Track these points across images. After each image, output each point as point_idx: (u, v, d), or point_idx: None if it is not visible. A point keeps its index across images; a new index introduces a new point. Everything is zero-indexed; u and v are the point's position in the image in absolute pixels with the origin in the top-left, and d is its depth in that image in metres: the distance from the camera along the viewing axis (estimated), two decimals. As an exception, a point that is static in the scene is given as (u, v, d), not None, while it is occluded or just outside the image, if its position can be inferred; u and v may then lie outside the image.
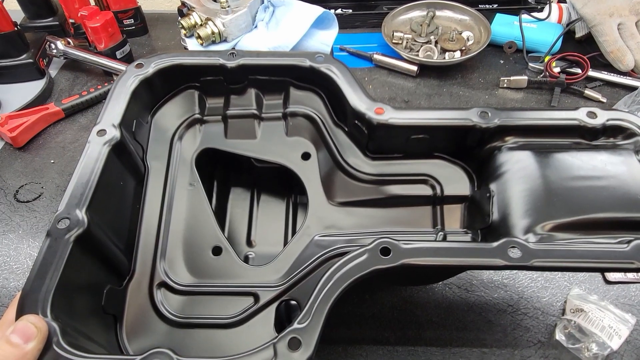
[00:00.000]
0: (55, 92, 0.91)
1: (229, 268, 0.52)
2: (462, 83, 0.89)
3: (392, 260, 0.42)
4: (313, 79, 0.57)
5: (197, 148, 0.58)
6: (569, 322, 0.54)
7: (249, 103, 0.59)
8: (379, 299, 0.58)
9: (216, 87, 0.58)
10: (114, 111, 0.51)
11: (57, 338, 0.37)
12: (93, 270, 0.45)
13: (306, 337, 0.38)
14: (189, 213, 0.54)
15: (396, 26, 0.97)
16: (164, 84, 0.57)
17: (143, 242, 0.52)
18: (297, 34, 0.81)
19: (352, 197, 0.57)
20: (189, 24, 0.84)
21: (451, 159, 0.57)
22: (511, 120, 0.52)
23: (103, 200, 0.46)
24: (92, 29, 0.88)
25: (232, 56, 0.56)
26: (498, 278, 0.60)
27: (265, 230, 0.61)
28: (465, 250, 0.43)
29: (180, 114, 0.59)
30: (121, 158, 0.50)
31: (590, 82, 0.87)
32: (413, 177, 0.57)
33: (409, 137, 0.54)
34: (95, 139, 0.48)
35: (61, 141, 0.81)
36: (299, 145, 0.59)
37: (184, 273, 0.51)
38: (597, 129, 0.51)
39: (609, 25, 0.85)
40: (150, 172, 0.55)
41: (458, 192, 0.56)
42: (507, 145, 0.52)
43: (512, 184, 0.50)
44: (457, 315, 0.57)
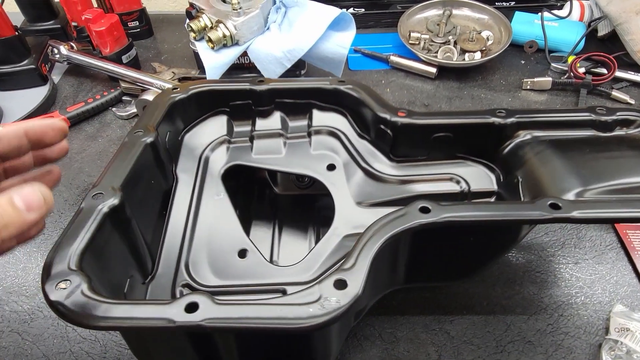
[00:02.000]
0: (59, 99, 0.87)
1: (255, 269, 0.50)
2: (483, 85, 0.85)
3: (433, 216, 0.41)
4: (336, 99, 0.60)
5: (224, 164, 0.59)
6: (615, 343, 0.51)
7: (275, 125, 0.61)
8: (412, 318, 0.55)
9: (244, 111, 0.61)
10: (150, 118, 0.53)
11: (85, 286, 0.35)
12: (120, 251, 0.45)
13: (352, 278, 0.36)
14: (214, 220, 0.54)
15: (412, 26, 0.93)
16: (197, 107, 0.59)
17: (168, 245, 0.52)
18: (312, 37, 0.78)
19: (378, 198, 0.57)
20: (198, 27, 0.81)
21: (474, 158, 0.59)
22: (528, 117, 0.54)
23: (135, 187, 0.47)
24: (97, 32, 0.84)
25: (261, 82, 0.59)
26: (535, 293, 0.57)
27: (288, 252, 0.59)
28: (504, 207, 0.43)
29: (210, 134, 0.61)
30: (155, 157, 0.51)
31: (616, 82, 0.83)
32: (439, 175, 0.59)
33: (432, 136, 0.56)
34: (132, 137, 0.50)
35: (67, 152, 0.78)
36: (324, 157, 0.60)
37: (208, 275, 0.50)
38: (609, 122, 0.54)
39: (636, 24, 0.82)
40: (179, 183, 0.56)
41: (485, 188, 0.57)
42: (526, 140, 0.55)
43: (537, 166, 0.52)
44: (495, 335, 0.54)
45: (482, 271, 0.53)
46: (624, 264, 0.60)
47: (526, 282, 0.58)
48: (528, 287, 0.58)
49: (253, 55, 0.82)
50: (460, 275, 0.53)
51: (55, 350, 0.54)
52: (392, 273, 0.49)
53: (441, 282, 0.55)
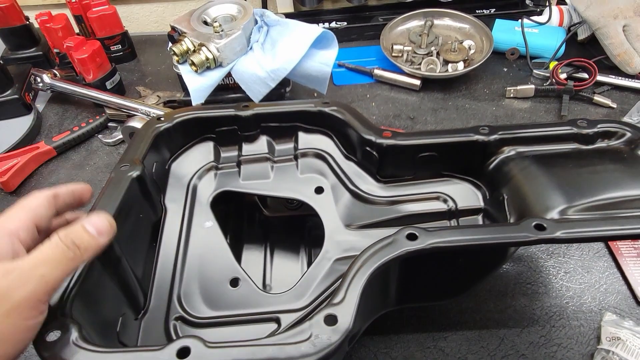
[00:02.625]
0: (44, 127, 0.87)
1: (248, 297, 0.51)
2: (467, 95, 0.86)
3: (420, 243, 0.41)
4: (321, 121, 0.60)
5: (213, 191, 0.59)
6: (607, 353, 0.52)
7: (262, 149, 0.62)
8: (404, 336, 0.56)
9: (230, 136, 0.61)
10: (136, 151, 0.52)
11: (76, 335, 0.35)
12: (111, 291, 0.45)
13: (342, 311, 0.36)
14: (205, 249, 0.54)
15: (394, 38, 0.94)
16: (183, 135, 0.59)
17: (159, 278, 0.51)
18: (296, 56, 0.78)
19: (367, 220, 0.58)
20: (181, 50, 0.80)
21: (460, 176, 0.59)
22: (511, 133, 0.55)
23: (124, 224, 0.46)
24: (79, 60, 0.84)
25: (246, 107, 0.59)
26: (527, 304, 0.57)
27: (280, 276, 0.59)
28: (490, 230, 0.43)
29: (197, 162, 0.61)
30: (142, 191, 0.51)
31: (598, 87, 0.84)
32: (425, 194, 0.59)
33: (417, 157, 0.57)
34: (118, 172, 0.49)
35: (54, 182, 0.77)
36: (312, 180, 0.60)
37: (201, 306, 0.50)
38: (591, 135, 0.54)
39: (614, 28, 0.83)
40: (168, 213, 0.56)
41: (472, 205, 0.58)
42: (510, 156, 0.55)
43: (522, 183, 0.52)
44: (489, 350, 0.54)
45: (474, 289, 0.53)
46: (613, 272, 0.61)
47: (517, 294, 0.59)
48: (519, 300, 0.58)
49: (237, 76, 0.82)
50: (451, 295, 0.53)
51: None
52: (384, 297, 0.49)
53: (433, 301, 0.55)
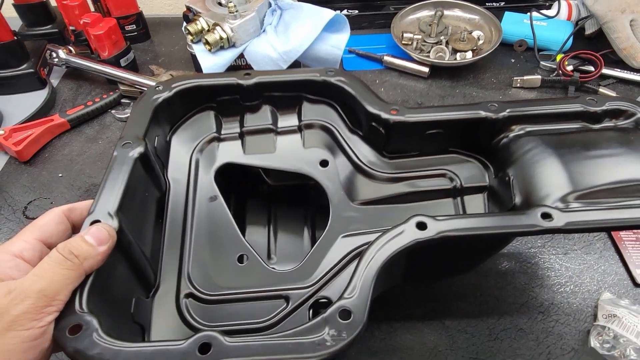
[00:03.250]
0: (59, 102, 0.89)
1: (255, 274, 0.51)
2: (474, 83, 0.87)
3: (430, 232, 0.42)
4: (326, 91, 0.59)
5: (216, 164, 0.58)
6: (603, 329, 0.53)
7: (265, 119, 0.61)
8: (406, 306, 0.57)
9: (232, 106, 0.60)
10: (137, 126, 0.51)
11: (97, 329, 0.36)
12: (124, 275, 0.45)
13: (356, 306, 0.38)
14: (211, 225, 0.54)
15: (405, 26, 0.95)
16: (183, 104, 0.58)
17: (167, 255, 0.52)
18: (307, 39, 0.80)
19: (373, 196, 0.58)
20: (195, 29, 0.82)
21: (466, 152, 0.59)
22: (519, 111, 0.55)
23: (130, 207, 0.46)
24: (95, 36, 0.86)
25: (248, 76, 0.58)
26: (526, 283, 0.59)
27: (285, 247, 0.60)
28: (498, 219, 0.44)
29: (199, 133, 0.60)
30: (146, 169, 0.50)
31: (603, 79, 0.86)
32: (431, 171, 0.59)
33: (424, 133, 0.56)
34: (121, 151, 0.49)
35: (68, 154, 0.79)
36: (317, 154, 0.60)
37: (210, 282, 0.51)
38: (599, 113, 0.54)
39: (621, 22, 0.84)
40: (172, 187, 0.55)
41: (477, 183, 0.58)
42: (517, 134, 0.55)
43: (529, 165, 0.52)
44: (488, 324, 0.56)
45: (476, 267, 0.55)
46: (611, 254, 0.62)
47: (517, 273, 0.60)
48: (519, 278, 0.60)
49: (250, 56, 0.83)
50: (454, 274, 0.54)
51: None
52: (390, 277, 0.50)
53: (436, 281, 0.56)
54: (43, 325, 0.35)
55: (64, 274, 0.36)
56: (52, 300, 0.35)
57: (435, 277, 0.57)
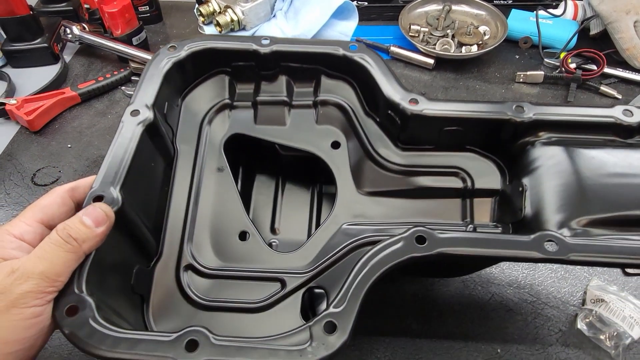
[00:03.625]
0: (70, 77, 0.91)
1: (255, 253, 0.52)
2: (478, 77, 0.89)
3: (428, 248, 0.41)
4: (346, 68, 0.57)
5: (226, 133, 0.58)
6: (590, 312, 0.55)
7: (280, 90, 0.59)
8: (401, 287, 0.59)
9: (247, 73, 0.58)
10: (147, 92, 0.51)
11: (93, 313, 0.37)
12: (124, 249, 0.46)
13: (342, 321, 0.38)
14: (216, 197, 0.54)
15: (413, 19, 0.97)
16: (195, 67, 0.57)
17: (171, 225, 0.52)
18: (316, 24, 0.82)
19: (381, 187, 0.56)
20: (207, 11, 0.84)
21: (483, 152, 0.56)
22: (546, 116, 0.51)
23: (135, 180, 0.46)
24: (109, 14, 0.88)
25: (265, 42, 0.56)
26: (518, 268, 0.60)
27: (290, 219, 0.60)
28: (500, 242, 0.43)
29: (211, 98, 0.58)
30: (153, 139, 0.50)
31: (605, 78, 0.87)
32: (443, 169, 0.57)
33: (441, 129, 0.54)
34: (129, 119, 0.48)
35: (77, 126, 0.81)
36: (329, 133, 0.58)
37: (210, 256, 0.51)
38: (632, 127, 0.50)
39: (625, 23, 0.86)
40: (180, 155, 0.55)
41: (489, 186, 0.55)
42: (540, 140, 0.52)
43: (546, 179, 0.49)
44: (478, 304, 0.57)
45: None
46: (603, 244, 0.63)
47: (510, 258, 0.62)
48: (511, 264, 0.61)
49: (259, 40, 0.85)
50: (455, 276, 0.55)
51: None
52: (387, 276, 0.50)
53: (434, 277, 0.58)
54: (44, 304, 0.36)
55: (64, 256, 0.37)
56: (54, 281, 0.37)
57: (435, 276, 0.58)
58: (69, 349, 0.54)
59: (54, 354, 0.54)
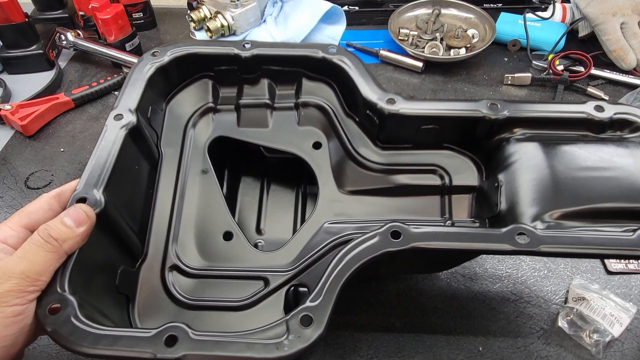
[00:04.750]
0: (65, 82, 0.92)
1: (239, 253, 0.53)
2: (466, 79, 0.90)
3: (403, 243, 0.43)
4: (325, 70, 0.58)
5: (210, 136, 0.59)
6: (571, 310, 0.55)
7: (262, 93, 0.60)
8: (385, 285, 0.59)
9: (230, 76, 0.60)
10: (130, 97, 0.52)
11: (75, 312, 0.38)
12: (108, 250, 0.47)
13: (318, 314, 0.39)
14: (201, 199, 0.55)
15: (402, 23, 0.98)
16: (179, 72, 0.58)
17: (156, 226, 0.53)
18: (305, 29, 0.83)
19: (361, 186, 0.58)
20: (198, 17, 0.86)
21: (460, 149, 0.58)
22: (520, 112, 0.52)
23: (119, 182, 0.47)
24: (102, 20, 0.89)
25: (246, 47, 0.57)
26: (502, 267, 0.61)
27: (275, 219, 0.62)
28: (474, 236, 0.44)
29: (194, 102, 0.60)
30: (137, 142, 0.51)
31: (592, 80, 0.88)
32: (422, 167, 0.58)
33: (419, 128, 0.55)
34: (113, 123, 0.50)
35: (71, 130, 0.82)
36: (311, 134, 0.60)
37: (195, 256, 0.52)
38: (604, 122, 0.51)
39: (612, 25, 0.86)
40: (164, 158, 0.56)
41: (466, 183, 0.57)
42: (515, 137, 0.53)
43: (520, 174, 0.51)
44: (461, 302, 0.58)
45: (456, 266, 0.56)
46: (587, 243, 0.64)
47: (494, 260, 0.62)
48: (495, 263, 0.62)
49: (249, 45, 0.86)
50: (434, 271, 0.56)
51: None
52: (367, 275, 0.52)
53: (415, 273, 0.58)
54: (25, 303, 0.37)
55: (45, 256, 0.38)
56: (35, 281, 0.38)
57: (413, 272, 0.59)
58: (57, 349, 0.55)
59: (43, 353, 0.54)
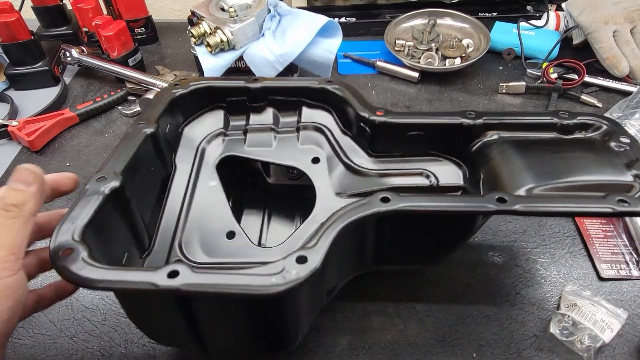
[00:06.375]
0: (70, 98, 0.95)
1: (241, 249, 0.56)
2: (462, 89, 0.91)
3: (391, 205, 0.46)
4: (323, 97, 0.65)
5: (219, 155, 0.64)
6: (563, 317, 0.56)
7: (267, 120, 0.67)
8: (380, 293, 0.61)
9: (240, 106, 0.66)
10: (153, 111, 0.58)
11: (86, 254, 0.40)
12: (120, 229, 0.50)
13: (313, 255, 0.41)
14: (207, 205, 0.59)
15: (398, 34, 1.00)
16: (196, 101, 0.65)
17: (164, 226, 0.57)
18: (302, 42, 0.85)
19: (356, 189, 0.62)
20: (198, 32, 0.88)
21: (445, 156, 0.63)
22: (494, 119, 0.59)
23: (135, 173, 0.51)
24: (105, 37, 0.92)
25: (255, 81, 0.65)
26: (496, 273, 0.62)
27: (275, 237, 0.65)
28: (458, 199, 0.49)
29: (208, 128, 0.66)
30: (154, 146, 0.56)
31: (586, 87, 0.89)
32: (411, 170, 0.64)
33: (406, 135, 0.61)
34: (135, 127, 0.55)
35: (76, 145, 0.85)
36: (310, 151, 0.65)
37: (199, 253, 0.55)
38: (570, 126, 0.59)
39: (605, 33, 0.88)
40: (177, 170, 0.61)
41: (452, 183, 0.62)
42: (492, 140, 0.59)
43: (497, 165, 0.56)
44: (456, 310, 0.59)
45: (444, 257, 0.58)
46: (579, 249, 0.65)
47: (488, 265, 0.64)
48: (489, 269, 0.63)
49: (248, 59, 0.88)
50: (425, 260, 0.58)
51: (60, 317, 0.60)
52: (361, 256, 0.54)
53: (407, 266, 0.60)
54: (12, 274, 0.37)
55: (10, 224, 0.38)
56: (12, 248, 0.38)
57: (405, 262, 0.60)
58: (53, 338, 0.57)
59: None
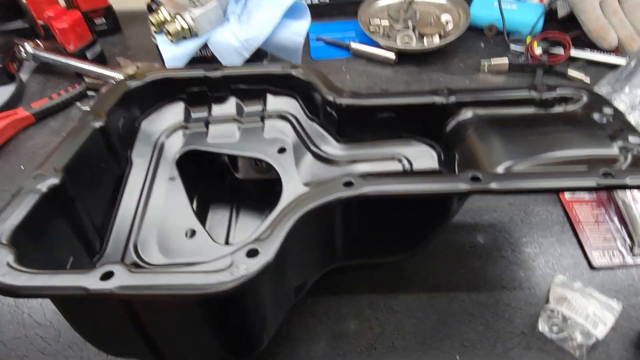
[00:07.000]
0: (27, 96, 0.89)
1: (203, 248, 0.52)
2: (442, 69, 0.86)
3: (354, 190, 0.42)
4: (288, 83, 0.61)
5: (180, 149, 0.60)
6: (552, 312, 0.52)
7: (230, 110, 0.63)
8: (355, 292, 0.57)
9: (201, 97, 0.63)
10: (103, 104, 0.55)
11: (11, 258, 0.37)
12: (62, 231, 0.46)
13: (265, 247, 0.37)
14: (166, 202, 0.55)
15: (373, 13, 0.94)
16: (153, 94, 0.61)
17: (117, 227, 0.53)
18: (268, 26, 0.79)
19: (325, 179, 0.58)
20: (157, 20, 0.82)
21: (418, 137, 0.60)
22: (468, 96, 0.56)
23: (82, 169, 0.48)
24: (59, 30, 0.86)
25: (216, 69, 0.61)
26: (481, 267, 0.58)
27: (244, 234, 0.60)
28: (426, 180, 0.44)
29: (167, 122, 0.62)
30: (105, 141, 0.53)
31: (573, 62, 0.84)
32: (383, 155, 0.60)
33: (375, 117, 0.58)
34: (82, 121, 0.52)
35: (32, 147, 0.79)
36: (276, 142, 0.61)
37: (156, 254, 0.51)
38: (550, 100, 0.55)
39: (590, 2, 0.83)
40: (133, 167, 0.58)
41: (427, 166, 0.58)
42: (467, 118, 0.56)
43: (473, 144, 0.54)
44: (437, 309, 0.55)
45: (421, 246, 0.54)
46: (569, 236, 0.61)
47: (471, 258, 0.59)
48: (473, 263, 0.59)
49: (213, 47, 0.83)
50: (399, 250, 0.53)
51: (10, 335, 0.55)
52: (331, 249, 0.50)
53: (381, 257, 0.55)
54: None
55: None
56: None
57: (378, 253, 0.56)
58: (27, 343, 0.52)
59: None
